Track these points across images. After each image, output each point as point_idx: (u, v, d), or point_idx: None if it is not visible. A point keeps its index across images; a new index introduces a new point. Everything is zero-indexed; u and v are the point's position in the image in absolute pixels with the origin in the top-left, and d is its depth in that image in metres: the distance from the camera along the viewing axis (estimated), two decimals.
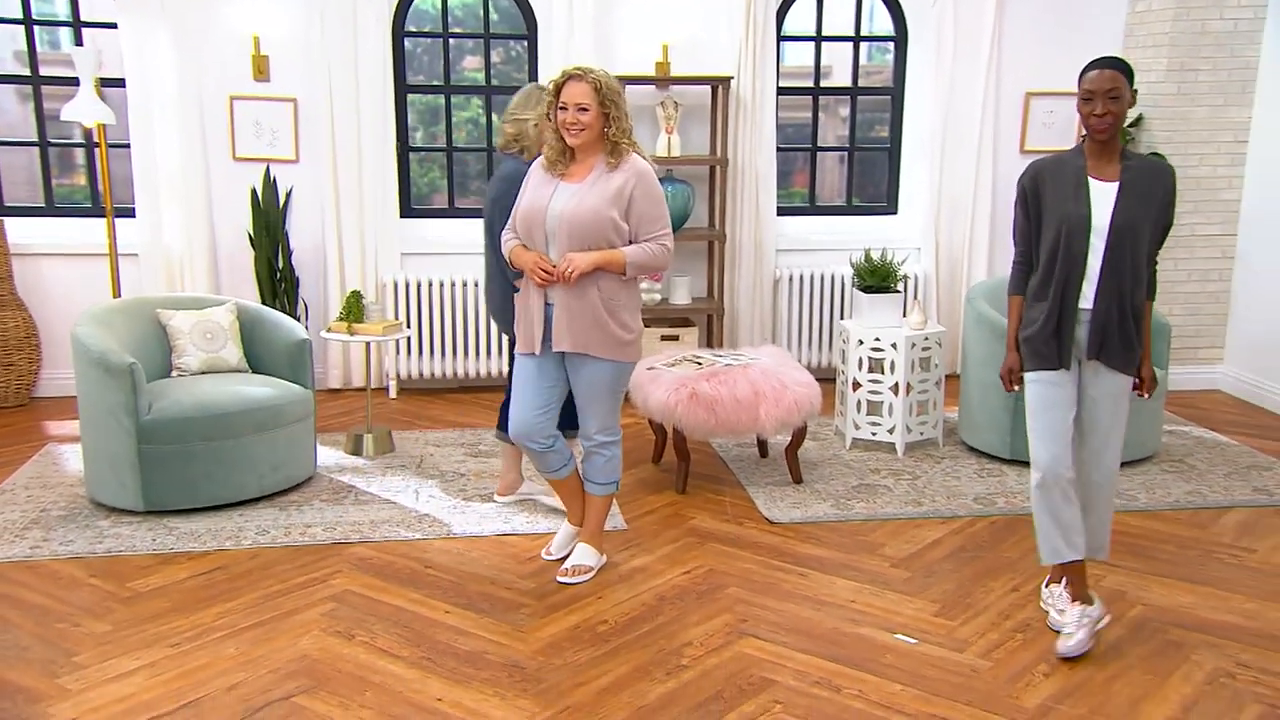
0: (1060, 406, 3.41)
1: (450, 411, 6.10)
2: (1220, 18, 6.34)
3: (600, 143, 3.65)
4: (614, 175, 3.64)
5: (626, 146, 3.67)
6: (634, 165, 3.68)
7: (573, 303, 3.64)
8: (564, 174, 3.68)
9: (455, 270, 6.36)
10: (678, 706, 3.09)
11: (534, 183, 3.75)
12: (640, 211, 3.67)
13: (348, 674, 3.25)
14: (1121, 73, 3.23)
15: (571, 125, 3.58)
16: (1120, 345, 3.34)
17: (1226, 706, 3.11)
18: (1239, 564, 4.09)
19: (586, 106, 3.56)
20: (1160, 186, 3.31)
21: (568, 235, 3.60)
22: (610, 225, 3.61)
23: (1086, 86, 3.24)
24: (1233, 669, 3.32)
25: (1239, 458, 5.32)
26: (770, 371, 4.82)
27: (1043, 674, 3.28)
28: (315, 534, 4.29)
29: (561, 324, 3.67)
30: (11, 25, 6.09)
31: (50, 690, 3.14)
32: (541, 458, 3.90)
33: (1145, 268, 3.35)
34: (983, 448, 5.27)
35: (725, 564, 4.07)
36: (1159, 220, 3.33)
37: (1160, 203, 3.31)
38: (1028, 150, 6.80)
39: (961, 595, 3.81)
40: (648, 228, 3.70)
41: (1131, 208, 3.26)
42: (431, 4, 6.47)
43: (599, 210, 3.59)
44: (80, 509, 4.50)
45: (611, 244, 3.63)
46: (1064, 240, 3.31)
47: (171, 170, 6.04)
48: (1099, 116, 3.21)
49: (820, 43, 6.81)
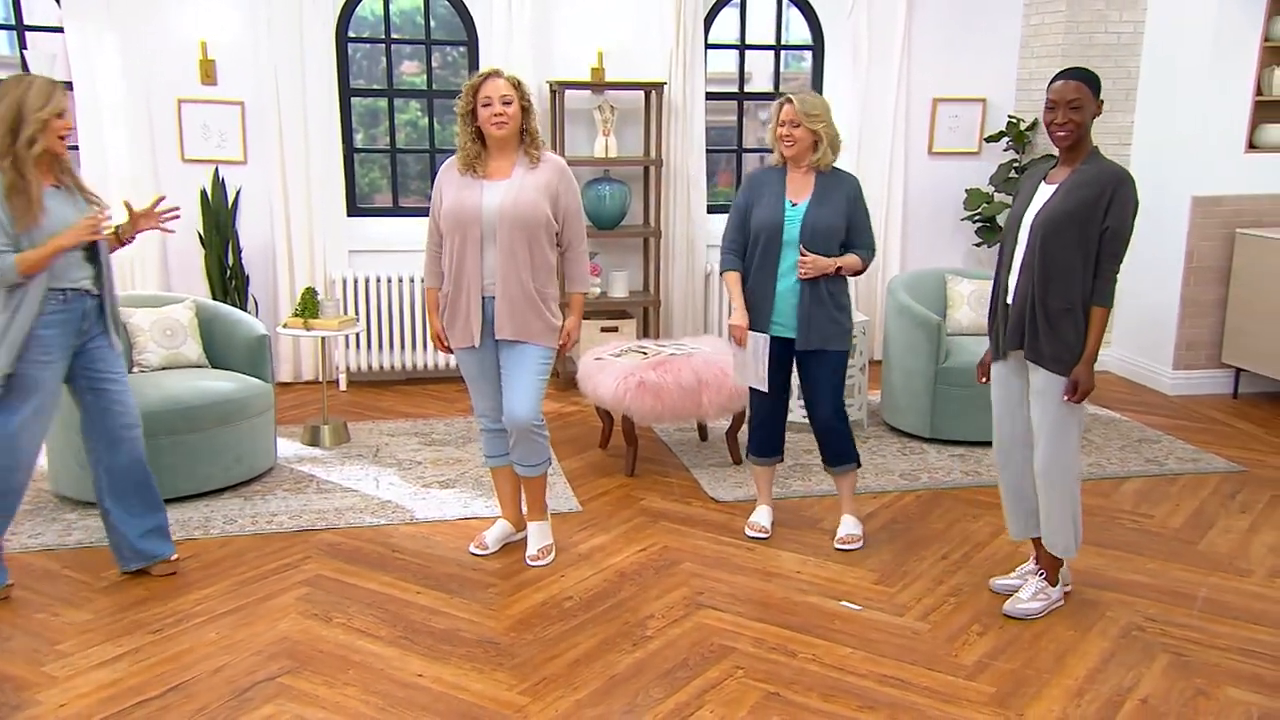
0: (1000, 393, 3.49)
1: (401, 403, 6.05)
2: (1105, 31, 6.59)
3: (516, 140, 3.65)
4: (538, 171, 3.64)
5: (541, 142, 3.69)
6: (554, 161, 3.70)
7: (513, 294, 3.63)
8: (485, 174, 3.64)
9: (400, 267, 6.29)
10: (647, 675, 3.14)
11: (453, 184, 3.66)
12: (567, 208, 3.71)
13: (329, 654, 3.22)
14: (1085, 83, 3.20)
15: (497, 118, 3.55)
16: (1042, 341, 3.27)
17: (1140, 657, 3.27)
18: (1139, 528, 4.29)
19: (510, 99, 3.56)
20: (1093, 190, 3.18)
21: (509, 229, 3.57)
22: (544, 218, 3.62)
23: (1050, 96, 3.22)
24: (1142, 623, 3.49)
25: (1130, 432, 5.56)
26: (711, 360, 4.88)
27: (977, 633, 3.41)
28: (282, 522, 4.23)
29: (504, 316, 3.65)
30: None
31: (37, 678, 3.05)
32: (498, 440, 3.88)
33: (1078, 270, 3.21)
34: (905, 428, 5.42)
35: (678, 541, 4.13)
36: (1090, 220, 3.18)
37: (1089, 204, 3.17)
38: (935, 152, 6.99)
39: (897, 564, 3.93)
40: (573, 224, 3.74)
41: (1055, 207, 3.23)
42: (370, 11, 6.38)
43: (536, 204, 3.60)
44: (45, 503, 4.37)
45: (543, 238, 3.63)
46: (1003, 239, 3.41)
47: (121, 172, 5.85)
48: (1060, 125, 3.21)
49: (744, 51, 6.90)
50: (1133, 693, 3.06)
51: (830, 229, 3.81)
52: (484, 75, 3.59)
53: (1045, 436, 3.35)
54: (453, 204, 3.61)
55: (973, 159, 7.04)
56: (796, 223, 3.83)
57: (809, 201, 3.84)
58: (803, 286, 3.85)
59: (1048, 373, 3.30)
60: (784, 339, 3.93)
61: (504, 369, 3.73)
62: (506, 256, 3.58)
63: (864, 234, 3.89)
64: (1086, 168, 3.25)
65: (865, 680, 3.12)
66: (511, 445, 3.81)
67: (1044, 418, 3.34)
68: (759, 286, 3.92)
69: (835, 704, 3.00)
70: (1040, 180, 3.37)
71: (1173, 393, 6.30)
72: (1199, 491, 4.69)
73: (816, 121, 3.78)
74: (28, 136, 3.20)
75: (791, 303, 3.88)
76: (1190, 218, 6.10)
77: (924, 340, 5.20)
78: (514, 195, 3.58)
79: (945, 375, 5.21)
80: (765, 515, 4.22)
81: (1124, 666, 3.21)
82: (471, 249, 3.60)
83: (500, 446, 3.92)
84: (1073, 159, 3.30)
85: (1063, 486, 3.39)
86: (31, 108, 3.20)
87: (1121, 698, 3.04)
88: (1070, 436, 3.36)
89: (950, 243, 7.06)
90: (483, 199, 3.59)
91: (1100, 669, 3.20)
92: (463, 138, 3.63)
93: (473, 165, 3.62)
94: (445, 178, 3.70)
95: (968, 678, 3.14)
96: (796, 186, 3.88)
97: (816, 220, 3.80)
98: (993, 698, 3.03)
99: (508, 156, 3.65)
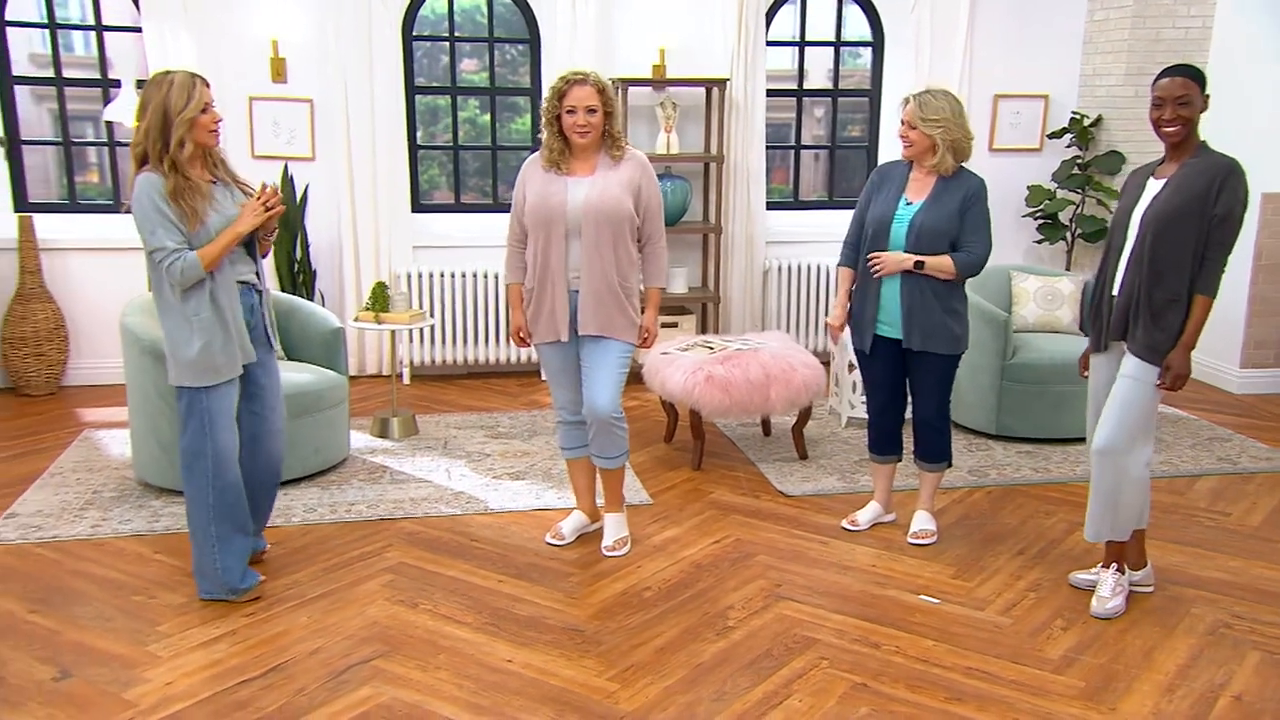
0: (1098, 386, 3.48)
1: (464, 396, 6.11)
2: (1173, 26, 6.52)
3: (599, 141, 3.68)
4: (621, 167, 3.67)
5: (624, 143, 3.72)
6: (637, 157, 3.73)
7: (598, 288, 3.67)
8: (569, 170, 3.68)
9: (462, 262, 6.36)
10: (732, 664, 3.16)
11: (536, 181, 3.70)
12: (649, 204, 3.73)
13: (418, 639, 3.27)
14: (1192, 79, 3.18)
15: (581, 128, 3.59)
16: (1143, 332, 3.27)
17: (1229, 654, 3.24)
18: (1217, 526, 4.25)
19: (595, 108, 3.59)
20: (1203, 181, 3.16)
21: (594, 224, 3.61)
22: (628, 213, 3.66)
23: (1157, 93, 3.21)
24: (1229, 620, 3.45)
25: (1200, 430, 5.50)
26: (778, 355, 4.89)
27: (1060, 628, 3.39)
28: (360, 511, 4.29)
29: (589, 310, 3.69)
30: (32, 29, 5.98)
31: (142, 657, 3.12)
32: (575, 433, 3.91)
33: (1187, 263, 3.19)
34: (970, 425, 5.39)
35: (750, 534, 4.14)
36: (1200, 213, 3.16)
37: (1199, 196, 3.15)
38: (995, 148, 6.95)
39: (973, 559, 3.92)
40: (654, 221, 3.76)
41: (1165, 202, 3.21)
42: (431, 9, 6.44)
43: (620, 200, 3.63)
44: (130, 490, 4.46)
45: (627, 232, 3.66)
46: (1110, 234, 3.40)
47: None
48: (1168, 121, 3.20)
49: (804, 48, 6.90)
50: (1225, 689, 3.04)
51: (937, 232, 3.73)
52: (570, 81, 3.59)
53: (1114, 418, 3.34)
54: (537, 200, 3.65)
55: (1034, 155, 6.99)
56: (905, 222, 3.77)
57: (924, 202, 3.76)
58: (906, 287, 3.79)
59: (1139, 360, 3.30)
60: (895, 338, 3.89)
61: (586, 363, 3.76)
62: (591, 251, 3.62)
63: (971, 236, 3.76)
64: (1195, 161, 3.24)
65: (951, 672, 3.12)
66: (591, 438, 3.84)
67: (1117, 398, 3.34)
68: (866, 283, 3.90)
69: (923, 695, 3.00)
70: (1148, 176, 3.36)
71: (1240, 391, 6.22)
72: (1276, 490, 4.63)
73: (933, 126, 3.68)
74: (178, 139, 3.21)
75: (897, 302, 3.83)
76: (1260, 215, 6.03)
77: (991, 337, 5.18)
78: (598, 191, 3.61)
79: (1011, 371, 5.19)
80: (868, 512, 4.20)
81: (1214, 663, 3.18)
82: (556, 244, 3.64)
83: (577, 439, 3.95)
84: (1180, 154, 3.29)
85: (1114, 471, 3.37)
86: (175, 109, 3.20)
87: (1214, 694, 3.01)
88: (1145, 425, 3.35)
89: (1012, 240, 7.01)
90: (567, 195, 3.63)
91: (1190, 665, 3.17)
92: (548, 137, 3.67)
93: (557, 163, 3.66)
94: (528, 174, 3.74)
95: (1055, 671, 3.13)
96: (917, 185, 3.81)
97: (924, 221, 3.73)
98: (1083, 692, 3.02)
99: (591, 155, 3.69)
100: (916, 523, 4.10)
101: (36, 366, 5.84)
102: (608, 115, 3.62)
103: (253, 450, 3.57)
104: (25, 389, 5.88)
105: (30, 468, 4.74)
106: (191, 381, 3.30)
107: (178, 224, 3.22)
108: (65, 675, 3.03)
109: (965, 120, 3.77)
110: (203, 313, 3.28)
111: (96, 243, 6.05)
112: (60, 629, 3.30)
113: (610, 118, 3.63)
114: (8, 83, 5.96)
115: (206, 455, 3.34)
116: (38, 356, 5.83)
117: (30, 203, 6.12)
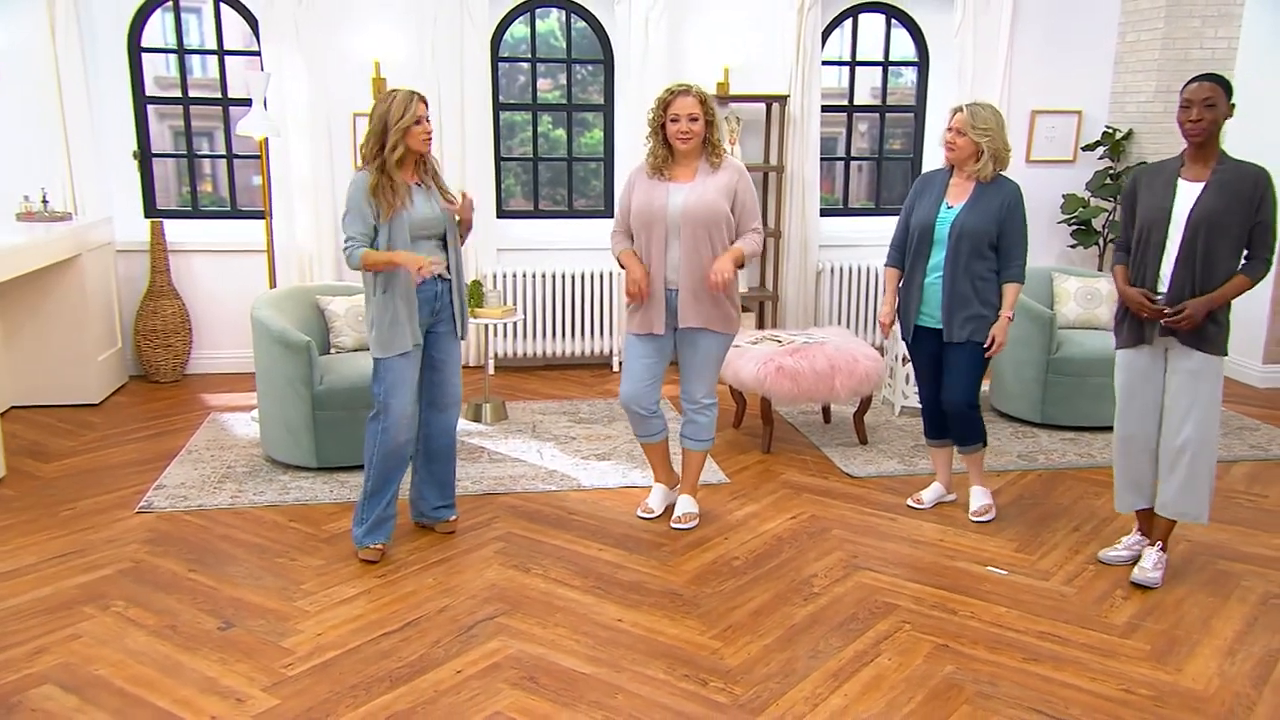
0: (1135, 377, 3.43)
1: (545, 386, 6.17)
2: (1200, 47, 6.45)
3: (700, 149, 3.71)
4: (719, 173, 3.70)
5: (723, 150, 3.74)
6: (734, 164, 3.75)
7: (696, 285, 3.71)
8: (670, 176, 3.73)
9: (540, 263, 6.42)
10: (822, 626, 3.19)
11: (641, 186, 3.77)
12: (744, 204, 3.75)
13: (535, 599, 3.33)
14: (1219, 85, 3.19)
15: (683, 135, 3.63)
16: (1201, 328, 3.25)
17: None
18: (1257, 507, 4.22)
19: (696, 116, 3.63)
20: (1246, 186, 3.19)
21: (692, 227, 3.65)
22: (724, 216, 3.68)
23: (1186, 96, 3.21)
24: (1279, 591, 3.44)
25: (1228, 420, 5.45)
26: (842, 348, 4.91)
27: (1121, 598, 3.39)
28: (466, 486, 4.35)
29: (688, 305, 3.74)
30: (162, 54, 6.11)
31: (292, 611, 3.21)
32: (645, 422, 3.94)
33: (1228, 259, 3.23)
34: (1015, 414, 5.37)
35: (824, 510, 4.16)
36: (1244, 216, 3.20)
37: (1244, 200, 3.19)
38: (1032, 160, 6.91)
39: (1033, 535, 3.92)
40: (749, 219, 3.78)
41: (1211, 205, 3.21)
42: (510, 33, 6.50)
43: (717, 204, 3.66)
44: (260, 466, 4.56)
45: (723, 233, 3.69)
46: (1146, 234, 3.37)
47: (303, 177, 6.07)
48: (1194, 122, 3.19)
49: (854, 67, 6.90)
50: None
51: (977, 233, 3.77)
52: (675, 92, 3.64)
53: (1197, 415, 3.31)
54: (641, 204, 3.70)
55: (1068, 167, 6.94)
56: (947, 224, 3.82)
57: (964, 205, 3.82)
58: (945, 282, 3.84)
59: (1203, 354, 3.28)
60: (936, 329, 3.93)
61: (683, 354, 3.82)
62: (690, 251, 3.66)
63: (1013, 250, 3.79)
64: (1228, 166, 3.24)
65: (1025, 636, 3.13)
66: (684, 422, 3.90)
67: (1196, 397, 3.31)
68: (910, 279, 3.94)
69: (1002, 655, 3.01)
70: (1173, 178, 3.31)
71: (1263, 385, 6.15)
72: None
73: (982, 135, 3.75)
74: (392, 144, 3.39)
75: (938, 297, 3.88)
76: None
77: (1037, 333, 5.16)
78: (697, 195, 3.65)
79: (1056, 365, 5.17)
80: (931, 491, 4.22)
81: (1270, 630, 3.17)
82: (657, 244, 3.68)
83: (649, 428, 3.96)
84: (1205, 157, 3.27)
85: (1206, 459, 3.35)
86: (393, 119, 3.38)
87: (1273, 657, 3.00)
88: (1216, 414, 3.34)
89: (1046, 245, 6.96)
90: (669, 199, 3.67)
91: (1246, 631, 3.16)
92: (653, 144, 3.71)
93: (660, 169, 3.70)
94: (635, 179, 3.79)
95: (1121, 636, 3.13)
96: (957, 190, 3.87)
97: (965, 223, 3.78)
98: (1149, 654, 3.02)
99: (692, 162, 3.72)
100: (974, 499, 4.10)
101: (165, 356, 5.98)
102: (709, 124, 3.65)
103: (429, 417, 3.75)
104: (154, 376, 6.02)
105: (168, 445, 4.85)
106: (374, 351, 3.51)
107: (369, 217, 3.39)
108: (229, 625, 3.12)
109: (1006, 133, 3.84)
110: (378, 295, 3.45)
111: (216, 245, 6.17)
112: (218, 586, 3.39)
113: (711, 126, 3.66)
114: (142, 101, 6.10)
115: (383, 414, 3.52)
116: (165, 348, 5.97)
117: (158, 209, 6.25)
